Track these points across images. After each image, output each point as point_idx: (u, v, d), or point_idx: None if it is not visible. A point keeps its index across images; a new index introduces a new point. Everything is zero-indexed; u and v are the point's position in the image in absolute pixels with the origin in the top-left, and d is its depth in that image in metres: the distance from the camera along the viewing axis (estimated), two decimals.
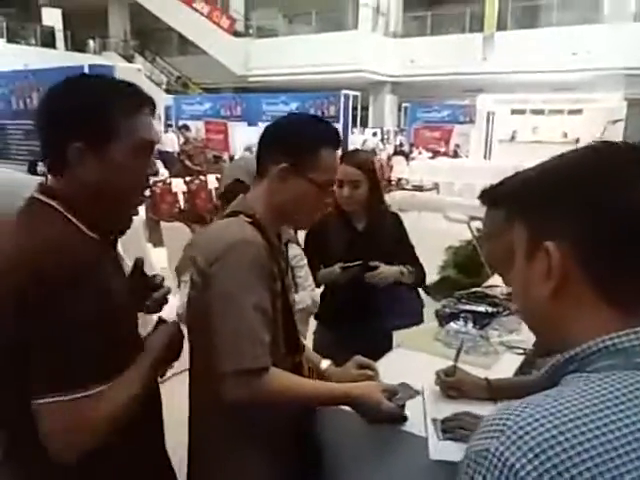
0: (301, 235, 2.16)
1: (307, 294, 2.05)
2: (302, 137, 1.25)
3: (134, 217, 1.14)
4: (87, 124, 1.00)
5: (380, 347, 1.95)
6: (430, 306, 2.28)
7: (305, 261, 2.08)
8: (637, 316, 0.59)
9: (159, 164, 10.75)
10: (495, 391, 1.45)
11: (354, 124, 14.84)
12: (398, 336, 2.19)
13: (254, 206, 1.24)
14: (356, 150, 2.47)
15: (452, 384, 1.50)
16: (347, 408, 1.27)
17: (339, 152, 1.33)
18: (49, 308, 0.91)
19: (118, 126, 1.02)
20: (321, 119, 1.35)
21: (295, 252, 2.04)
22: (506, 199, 1.03)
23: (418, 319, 2.22)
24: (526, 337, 1.94)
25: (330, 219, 2.08)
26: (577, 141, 15.43)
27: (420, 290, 2.34)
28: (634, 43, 14.19)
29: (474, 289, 2.37)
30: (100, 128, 1.01)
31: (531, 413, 0.54)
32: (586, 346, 0.59)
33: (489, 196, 1.30)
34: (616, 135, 13.97)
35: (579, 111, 15.18)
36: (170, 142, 13.65)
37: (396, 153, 15.12)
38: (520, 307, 0.72)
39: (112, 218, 1.09)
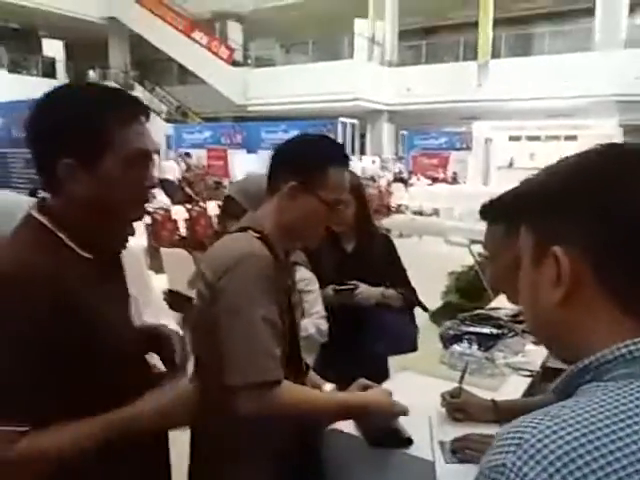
0: None
1: (311, 322, 1.92)
2: (311, 156, 1.28)
3: (135, 243, 1.14)
4: (76, 138, 0.94)
5: (374, 371, 1.94)
6: (429, 330, 2.25)
7: (314, 287, 1.99)
8: None
9: (160, 192, 10.82)
10: (502, 412, 1.44)
11: (352, 152, 14.98)
12: (396, 361, 2.16)
13: (263, 223, 1.25)
14: None
15: (458, 406, 1.48)
16: (352, 431, 1.25)
17: (347, 172, 1.34)
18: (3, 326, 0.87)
19: (111, 138, 0.95)
20: (329, 138, 1.37)
21: (304, 275, 1.96)
22: (508, 209, 1.06)
23: (412, 345, 2.17)
24: (532, 359, 1.92)
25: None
26: None
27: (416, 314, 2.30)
28: (624, 70, 14.42)
29: (477, 311, 2.36)
30: (91, 141, 0.94)
31: (548, 425, 0.51)
32: (601, 355, 0.57)
33: (489, 211, 1.33)
34: None
35: (575, 137, 15.38)
36: (171, 170, 13.77)
37: (395, 180, 15.22)
38: (529, 317, 0.70)
39: (108, 235, 1.03)
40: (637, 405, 0.52)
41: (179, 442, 1.29)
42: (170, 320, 1.30)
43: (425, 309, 2.34)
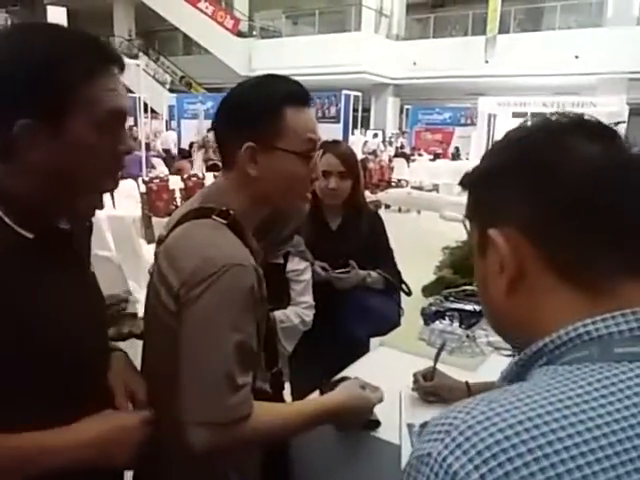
0: None
1: (296, 311, 1.81)
2: (257, 103, 1.03)
3: (128, 212, 1.03)
4: (37, 93, 0.76)
5: (354, 353, 1.91)
6: (415, 306, 2.19)
7: (305, 277, 1.85)
8: (614, 296, 0.51)
9: (159, 162, 10.76)
10: (474, 394, 1.40)
11: (354, 125, 14.83)
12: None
13: (228, 200, 1.04)
14: (338, 141, 2.26)
15: (430, 389, 1.43)
16: None
17: (312, 110, 1.10)
18: None
19: (80, 92, 0.78)
20: (275, 75, 1.10)
21: (296, 267, 1.83)
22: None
23: (393, 327, 2.08)
24: None
25: None
26: None
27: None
28: (637, 47, 14.13)
29: (464, 287, 2.31)
30: (55, 97, 0.77)
31: (483, 410, 0.46)
32: (556, 336, 0.51)
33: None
34: None
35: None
36: (171, 141, 13.68)
37: (397, 155, 15.08)
38: (486, 314, 0.64)
39: (64, 210, 0.88)
40: (587, 392, 0.45)
41: None
42: None
43: (408, 293, 2.24)
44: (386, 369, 1.55)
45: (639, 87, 14.98)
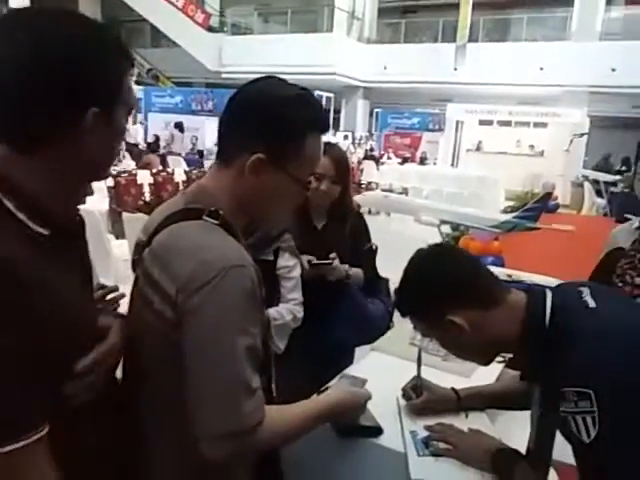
0: None
1: (287, 308, 1.79)
2: (284, 121, 0.99)
3: (95, 206, 1.01)
4: (104, 81, 0.79)
5: (340, 357, 1.88)
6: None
7: (295, 273, 1.83)
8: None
9: (127, 156, 10.51)
10: (463, 401, 1.40)
11: None
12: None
13: (217, 200, 1.00)
14: (334, 144, 2.24)
15: (419, 406, 1.40)
16: None
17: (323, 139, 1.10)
18: None
19: (123, 83, 0.83)
20: (307, 94, 1.06)
21: (286, 263, 1.81)
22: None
23: (381, 335, 2.02)
24: None
25: None
26: (542, 154, 15.91)
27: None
28: (598, 62, 14.61)
29: None
30: (114, 86, 0.81)
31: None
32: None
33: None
34: (580, 148, 14.45)
35: (544, 124, 15.61)
36: (136, 134, 13.37)
37: (366, 157, 15.17)
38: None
39: (74, 201, 0.87)
40: None
41: None
42: (128, 289, 1.11)
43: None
44: (380, 374, 1.52)
45: (600, 100, 15.50)
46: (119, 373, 1.04)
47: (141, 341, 0.98)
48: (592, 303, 1.02)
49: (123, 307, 1.11)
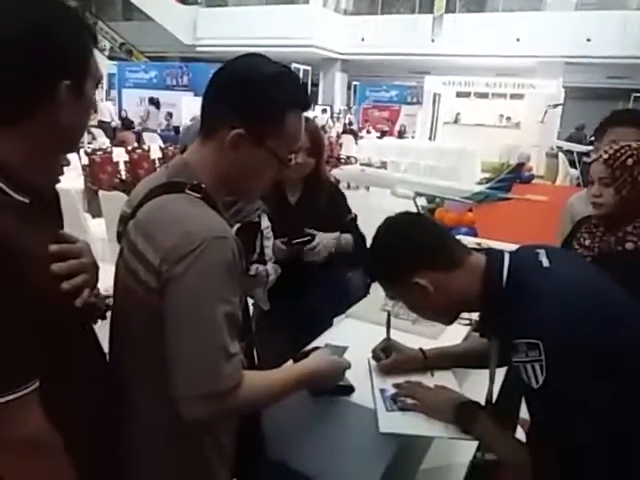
0: None
1: (272, 266, 1.87)
2: (264, 97, 1.02)
3: (71, 185, 1.04)
4: (74, 54, 0.83)
5: (319, 329, 1.94)
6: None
7: (271, 232, 1.90)
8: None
9: (100, 133, 10.35)
10: (430, 361, 1.48)
11: None
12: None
13: (199, 174, 1.03)
14: (308, 117, 2.32)
15: (389, 366, 1.47)
16: None
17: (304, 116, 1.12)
18: None
19: (91, 57, 0.87)
20: (288, 71, 1.08)
21: (267, 224, 1.87)
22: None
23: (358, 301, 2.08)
24: None
25: None
26: (518, 125, 16.04)
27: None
28: (574, 32, 14.67)
29: None
30: (83, 59, 0.85)
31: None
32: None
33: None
34: (554, 119, 14.56)
35: (520, 96, 15.69)
36: (107, 112, 13.08)
37: (345, 132, 15.11)
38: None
39: (51, 174, 0.92)
40: None
41: None
42: (107, 268, 1.12)
43: None
44: (353, 339, 1.59)
45: (575, 71, 15.61)
46: (105, 347, 1.08)
47: (127, 311, 1.03)
48: (546, 263, 1.11)
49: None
